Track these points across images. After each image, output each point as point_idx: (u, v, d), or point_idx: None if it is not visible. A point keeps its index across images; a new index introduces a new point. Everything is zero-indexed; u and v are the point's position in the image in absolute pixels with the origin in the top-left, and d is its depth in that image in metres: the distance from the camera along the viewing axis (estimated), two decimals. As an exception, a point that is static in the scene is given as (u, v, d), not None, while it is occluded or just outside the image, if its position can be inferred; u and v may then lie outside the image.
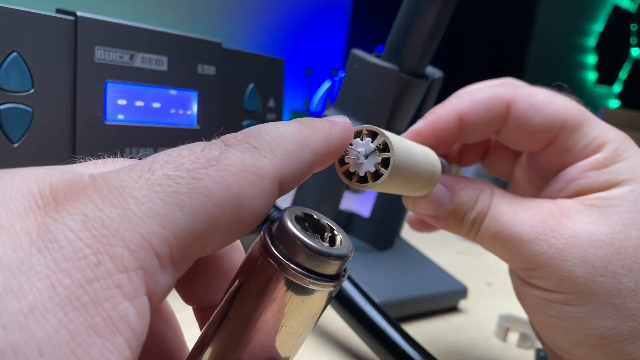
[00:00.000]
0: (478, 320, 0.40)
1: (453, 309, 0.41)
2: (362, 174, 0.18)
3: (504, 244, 0.23)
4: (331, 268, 0.14)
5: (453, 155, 0.29)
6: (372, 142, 0.18)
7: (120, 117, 0.32)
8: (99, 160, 0.14)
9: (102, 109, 0.31)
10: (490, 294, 0.46)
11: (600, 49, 2.03)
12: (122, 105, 0.32)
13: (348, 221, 0.46)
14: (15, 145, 0.28)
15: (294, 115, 1.36)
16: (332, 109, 0.37)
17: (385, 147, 0.18)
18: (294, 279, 0.13)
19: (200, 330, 0.18)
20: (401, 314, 0.37)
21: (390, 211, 0.44)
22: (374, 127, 0.18)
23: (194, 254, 0.12)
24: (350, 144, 0.18)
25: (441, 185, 0.24)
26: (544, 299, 0.23)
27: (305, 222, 0.15)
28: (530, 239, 0.22)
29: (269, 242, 0.14)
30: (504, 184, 0.29)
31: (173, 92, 0.35)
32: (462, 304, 0.42)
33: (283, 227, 0.14)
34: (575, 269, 0.21)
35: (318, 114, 1.29)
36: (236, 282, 0.15)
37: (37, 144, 0.29)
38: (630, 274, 0.21)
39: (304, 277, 0.13)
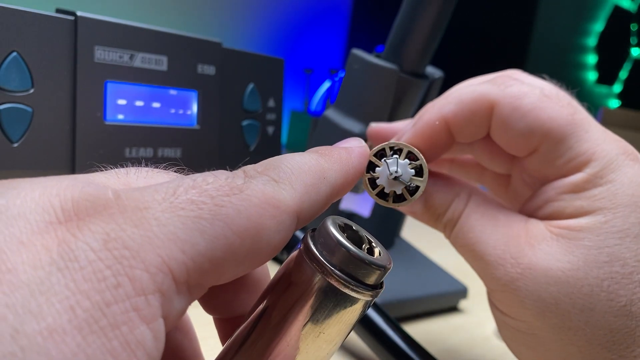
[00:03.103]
0: (478, 320, 0.40)
1: (453, 309, 0.41)
2: (399, 192, 0.18)
3: (469, 258, 0.23)
4: (372, 277, 0.14)
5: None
6: (400, 159, 0.18)
7: (120, 117, 0.32)
8: (122, 170, 0.14)
9: (102, 109, 0.31)
10: (490, 294, 0.46)
11: (600, 48, 2.03)
12: (122, 105, 0.32)
13: (348, 221, 0.46)
14: (15, 145, 0.28)
15: (294, 115, 1.35)
16: (332, 109, 0.37)
17: (413, 159, 0.18)
18: (336, 285, 0.13)
19: (221, 340, 0.18)
20: (401, 314, 0.37)
21: (390, 211, 0.44)
22: (396, 142, 0.19)
23: (210, 281, 0.12)
24: (378, 166, 0.18)
25: None
26: (502, 321, 0.23)
27: (344, 232, 0.15)
28: (491, 261, 0.22)
29: (313, 247, 0.14)
30: None
31: (173, 92, 0.35)
32: (462, 304, 0.42)
33: (327, 233, 0.14)
34: (526, 301, 0.21)
35: (318, 114, 1.29)
36: (274, 289, 0.14)
37: (37, 144, 0.29)
38: (582, 313, 0.20)
39: (346, 283, 0.13)
